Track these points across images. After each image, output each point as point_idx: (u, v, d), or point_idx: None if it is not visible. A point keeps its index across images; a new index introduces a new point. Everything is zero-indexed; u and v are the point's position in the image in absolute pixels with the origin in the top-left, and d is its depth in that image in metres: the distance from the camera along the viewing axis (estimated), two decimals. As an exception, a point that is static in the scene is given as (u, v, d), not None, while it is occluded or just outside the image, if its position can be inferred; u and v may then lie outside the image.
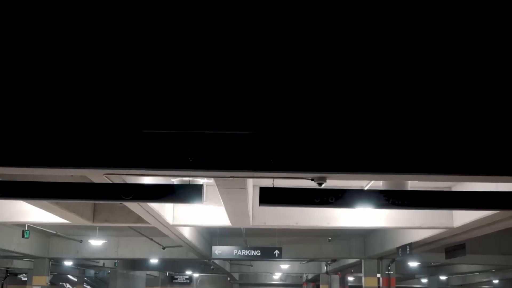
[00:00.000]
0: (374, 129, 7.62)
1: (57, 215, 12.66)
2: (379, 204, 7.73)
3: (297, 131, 7.72)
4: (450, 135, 7.48)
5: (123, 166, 7.83)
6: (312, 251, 24.73)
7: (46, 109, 7.63)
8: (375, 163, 7.62)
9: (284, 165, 7.77)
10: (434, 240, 16.69)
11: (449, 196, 7.86)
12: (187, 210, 13.55)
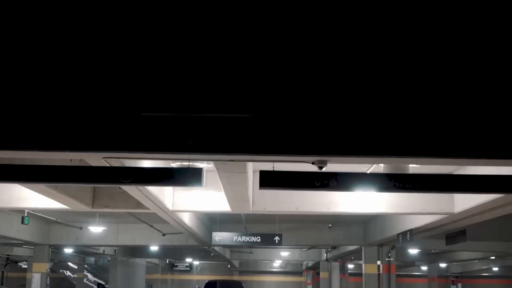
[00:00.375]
0: (376, 112, 7.54)
1: (56, 201, 12.59)
2: (381, 187, 7.66)
3: (297, 114, 7.64)
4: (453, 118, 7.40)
5: (122, 149, 7.76)
6: (312, 238, 24.72)
7: (44, 92, 7.55)
8: (377, 146, 7.55)
9: (284, 148, 7.70)
10: (435, 226, 16.65)
11: (451, 180, 7.79)
12: (187, 196, 13.50)
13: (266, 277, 56.80)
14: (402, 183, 7.57)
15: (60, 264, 50.60)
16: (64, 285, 48.44)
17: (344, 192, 13.31)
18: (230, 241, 19.19)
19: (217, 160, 8.47)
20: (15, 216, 19.17)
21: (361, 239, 24.19)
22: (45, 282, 23.65)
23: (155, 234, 23.73)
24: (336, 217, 21.33)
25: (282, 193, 13.36)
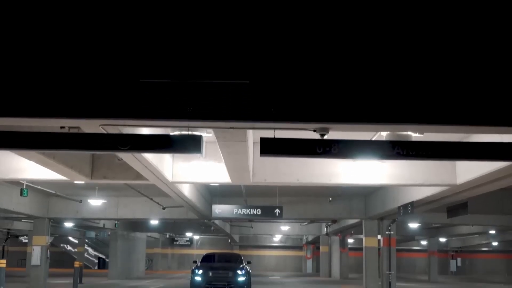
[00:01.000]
0: (380, 78, 7.38)
1: (55, 171, 12.48)
2: (383, 154, 7.51)
3: (299, 80, 7.48)
4: (457, 85, 7.25)
5: (120, 116, 7.60)
6: (312, 211, 24.66)
7: (39, 57, 7.39)
8: (380, 113, 7.40)
9: (285, 115, 7.54)
10: (436, 199, 16.55)
11: (455, 147, 7.63)
12: (187, 167, 13.38)
13: (266, 252, 57.07)
14: (405, 150, 7.42)
15: (60, 238, 50.87)
16: (64, 259, 48.62)
17: (346, 162, 13.22)
18: (230, 214, 19.10)
19: (216, 128, 8.32)
20: (15, 189, 19.09)
21: (361, 213, 24.15)
22: (45, 255, 23.64)
23: (155, 208, 23.70)
24: (337, 190, 21.26)
25: (283, 164, 13.24)
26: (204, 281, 20.00)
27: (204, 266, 20.82)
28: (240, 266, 20.78)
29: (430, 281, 37.29)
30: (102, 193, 22.59)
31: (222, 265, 21.14)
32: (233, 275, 20.08)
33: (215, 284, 20.02)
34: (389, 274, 23.68)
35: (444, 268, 53.61)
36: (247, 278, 20.51)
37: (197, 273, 20.29)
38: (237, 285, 20.04)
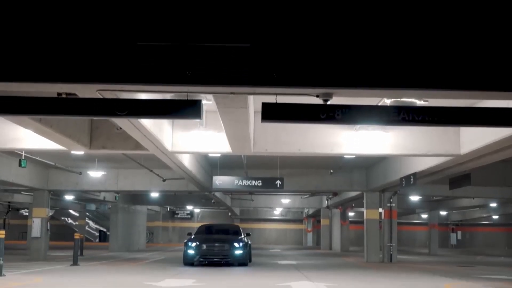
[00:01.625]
0: (385, 42, 7.16)
1: (53, 141, 12.28)
2: (389, 120, 7.32)
3: (302, 44, 7.27)
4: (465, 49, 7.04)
5: (117, 81, 7.41)
6: (313, 183, 24.55)
7: (34, 20, 7.17)
8: (386, 78, 7.20)
9: (287, 80, 7.35)
10: (439, 170, 16.39)
11: (462, 112, 7.44)
12: (187, 137, 13.19)
13: (267, 225, 57.18)
14: (411, 116, 7.23)
15: (61, 211, 50.97)
16: (65, 232, 48.72)
17: (348, 132, 13.03)
18: (230, 185, 18.97)
19: (216, 93, 8.11)
20: (14, 160, 18.93)
21: (363, 185, 24.02)
22: (45, 227, 23.57)
23: (155, 180, 23.58)
24: (338, 162, 21.11)
25: (284, 134, 13.05)
26: (198, 255, 18.53)
27: (199, 238, 19.25)
28: (238, 238, 19.40)
29: (430, 254, 37.36)
30: (101, 165, 22.46)
31: (218, 237, 19.58)
32: (230, 248, 18.59)
33: (210, 258, 18.62)
34: (390, 246, 23.65)
35: (444, 241, 53.74)
36: (246, 251, 19.06)
37: (190, 246, 18.78)
38: (234, 259, 18.55)
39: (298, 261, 23.46)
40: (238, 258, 18.58)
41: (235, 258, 18.51)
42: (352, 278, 14.98)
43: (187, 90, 7.64)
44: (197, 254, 18.52)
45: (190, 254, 18.71)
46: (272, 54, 7.19)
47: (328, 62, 7.15)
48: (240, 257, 18.64)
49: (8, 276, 13.63)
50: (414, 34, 7.08)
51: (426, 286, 12.90)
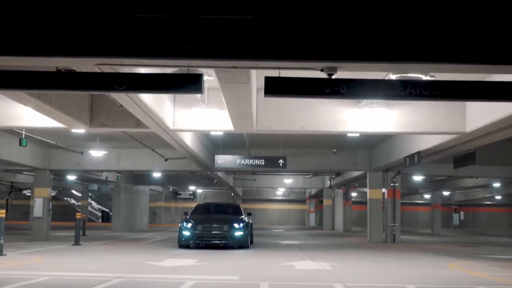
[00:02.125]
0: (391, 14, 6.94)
1: (52, 118, 12.11)
2: (395, 94, 7.11)
3: (306, 16, 7.05)
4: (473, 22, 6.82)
5: (116, 54, 7.21)
6: (316, 163, 24.38)
7: (29, -10, 6.97)
8: (392, 51, 6.99)
9: (291, 53, 7.14)
10: (444, 148, 16.20)
11: (471, 86, 7.22)
12: (188, 114, 12.99)
13: (269, 205, 57.18)
14: (418, 90, 7.02)
15: (64, 192, 50.99)
16: (68, 212, 48.74)
17: (352, 110, 12.83)
18: (233, 164, 18.77)
19: (218, 68, 7.90)
20: (15, 139, 18.77)
21: (366, 164, 23.86)
22: (47, 207, 23.50)
23: (157, 159, 23.45)
24: (341, 141, 20.94)
25: (287, 111, 12.86)
26: (193, 236, 17.01)
27: (195, 218, 17.70)
28: (238, 218, 17.93)
29: (433, 234, 37.30)
30: (103, 144, 22.31)
31: (216, 217, 18.16)
32: (229, 229, 17.07)
33: (207, 240, 17.17)
34: (394, 226, 23.54)
35: (447, 221, 53.76)
36: (247, 232, 17.58)
37: (185, 226, 17.23)
38: (234, 241, 17.05)
39: (301, 241, 23.38)
40: (238, 240, 17.14)
41: (234, 240, 17.07)
42: (355, 258, 14.87)
43: (188, 64, 7.44)
44: (192, 235, 17.07)
45: (185, 236, 17.23)
46: (275, 27, 6.98)
47: (333, 35, 6.94)
48: (240, 239, 17.19)
49: (8, 256, 13.54)
50: (421, 6, 6.86)
51: (431, 265, 12.78)
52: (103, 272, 10.15)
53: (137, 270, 10.84)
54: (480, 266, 12.69)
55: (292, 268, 11.55)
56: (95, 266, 11.67)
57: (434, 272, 11.29)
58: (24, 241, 20.61)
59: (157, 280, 9.26)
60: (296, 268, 11.58)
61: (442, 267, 12.45)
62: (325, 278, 9.85)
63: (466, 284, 9.26)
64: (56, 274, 9.76)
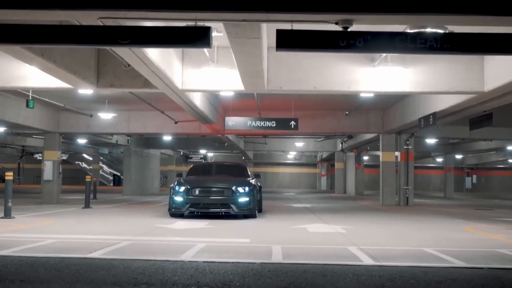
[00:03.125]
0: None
1: (58, 78, 11.78)
2: (415, 48, 6.72)
3: (319, -35, 6.63)
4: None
5: (120, 7, 6.84)
6: (328, 125, 23.98)
7: None
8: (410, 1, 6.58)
9: (304, 5, 6.75)
10: (460, 109, 15.76)
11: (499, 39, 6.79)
12: (197, 74, 12.63)
13: (280, 169, 57.08)
14: (440, 43, 6.62)
15: (75, 155, 51.05)
16: (80, 176, 48.85)
17: (366, 69, 12.42)
18: (243, 126, 18.43)
19: (227, 21, 7.51)
20: (22, 102, 18.54)
21: (379, 127, 23.45)
22: (57, 170, 23.34)
23: (167, 122, 23.16)
24: (354, 103, 20.53)
25: (299, 71, 12.46)
26: (187, 203, 14.10)
27: (190, 181, 14.71)
28: (243, 180, 14.76)
29: (446, 197, 37.03)
30: (112, 107, 22.03)
31: (216, 179, 14.98)
32: (232, 194, 14.06)
33: (204, 207, 14.18)
34: (407, 189, 23.24)
35: (459, 185, 53.47)
36: (254, 198, 14.45)
37: (178, 191, 14.29)
38: (238, 208, 14.02)
39: (313, 204, 23.17)
40: (243, 208, 14.10)
41: (239, 207, 14.03)
42: (369, 220, 14.60)
43: (195, 18, 7.05)
44: (186, 202, 14.13)
45: (176, 202, 14.31)
46: (287, -24, 6.58)
47: (348, -16, 6.53)
48: (246, 207, 14.15)
49: (17, 218, 13.38)
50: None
51: (447, 228, 12.49)
52: (112, 235, 9.94)
53: (146, 232, 10.62)
54: (497, 229, 12.38)
55: (304, 231, 11.31)
56: (104, 228, 11.47)
57: (451, 235, 11.01)
58: (35, 204, 20.52)
59: (166, 243, 9.03)
60: (309, 231, 11.33)
61: (458, 230, 12.16)
62: (339, 241, 9.59)
63: (484, 247, 8.96)
64: (63, 237, 9.57)
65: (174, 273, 5.92)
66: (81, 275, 5.78)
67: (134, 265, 6.42)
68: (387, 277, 5.95)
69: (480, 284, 5.72)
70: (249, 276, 5.84)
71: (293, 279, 5.75)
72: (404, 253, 8.09)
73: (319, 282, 5.65)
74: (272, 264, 6.70)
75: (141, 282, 5.46)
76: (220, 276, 5.80)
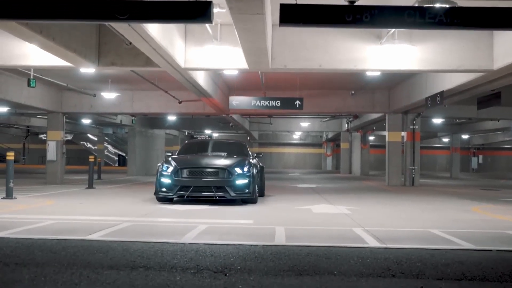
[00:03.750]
0: None
1: (58, 56, 11.55)
2: (424, 23, 6.46)
3: None
4: None
5: (118, -19, 6.61)
6: (334, 105, 23.71)
7: None
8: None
9: (309, -22, 6.51)
10: (468, 88, 15.49)
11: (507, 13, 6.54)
12: (200, 52, 12.39)
13: (285, 149, 56.92)
14: (449, 18, 6.36)
15: (80, 136, 50.98)
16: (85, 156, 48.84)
17: (372, 46, 12.16)
18: (248, 106, 18.20)
19: (229, -5, 7.26)
20: (24, 81, 18.37)
21: (385, 106, 23.19)
22: (61, 150, 23.21)
23: (171, 102, 22.96)
24: (360, 82, 20.27)
25: (304, 49, 12.21)
26: (175, 185, 12.33)
27: (180, 160, 13.02)
28: (242, 160, 12.97)
29: (452, 177, 36.80)
30: (115, 86, 21.83)
31: (210, 158, 13.19)
32: (228, 176, 12.34)
33: (195, 191, 12.30)
34: (413, 169, 23.03)
35: (465, 165, 53.24)
36: (253, 180, 12.63)
37: (165, 171, 12.53)
38: (235, 192, 12.31)
39: (318, 185, 23.01)
40: (241, 191, 12.41)
41: (236, 190, 12.34)
42: (374, 201, 14.41)
43: (196, -8, 6.81)
44: (174, 184, 12.35)
45: (163, 185, 12.48)
46: None
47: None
48: (244, 190, 12.43)
49: (19, 199, 13.25)
50: None
51: (454, 209, 12.30)
52: (113, 216, 9.78)
53: (148, 213, 10.47)
54: (505, 210, 12.18)
55: (309, 212, 11.13)
56: (105, 209, 11.33)
57: (458, 216, 10.81)
58: (39, 185, 20.41)
59: (167, 224, 8.87)
60: (314, 212, 11.15)
61: (465, 210, 11.96)
62: (344, 222, 9.41)
63: (493, 229, 8.77)
64: (63, 218, 9.41)
65: (173, 256, 5.75)
66: (78, 258, 5.61)
67: (133, 247, 6.25)
68: (393, 260, 5.77)
69: (488, 267, 5.53)
70: (251, 259, 5.66)
71: (296, 262, 5.58)
72: (410, 235, 7.91)
73: (322, 265, 5.47)
74: (275, 247, 6.53)
75: (138, 265, 5.29)
76: (221, 259, 5.63)
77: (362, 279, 4.91)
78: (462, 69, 12.41)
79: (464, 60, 12.20)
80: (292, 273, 5.10)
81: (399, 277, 5.03)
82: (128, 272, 5.02)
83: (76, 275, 4.87)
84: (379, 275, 5.09)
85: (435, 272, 5.25)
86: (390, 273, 5.15)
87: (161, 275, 4.92)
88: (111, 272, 5.01)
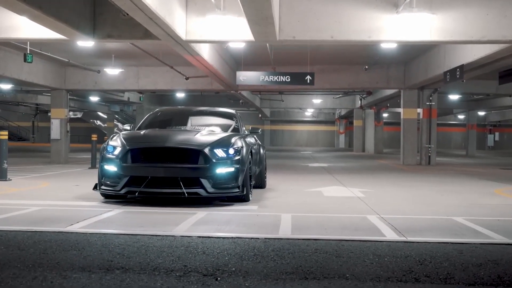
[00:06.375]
0: None
1: (48, 27, 10.69)
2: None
3: None
4: None
5: None
6: (346, 80, 22.74)
7: None
8: None
9: None
10: (490, 61, 14.51)
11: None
12: (203, 23, 11.49)
13: (297, 127, 56.08)
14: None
15: (90, 114, 50.42)
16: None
17: (388, 15, 11.23)
18: (256, 81, 17.29)
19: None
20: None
21: (400, 82, 22.21)
22: (65, 128, 22.47)
23: (178, 78, 22.14)
24: (374, 56, 19.31)
25: (315, 18, 11.28)
26: (124, 176, 8.37)
27: (132, 138, 8.98)
28: (226, 138, 8.96)
29: (468, 155, 35.80)
30: (119, 62, 21.04)
31: (177, 134, 9.06)
32: (205, 161, 8.34)
33: (153, 186, 8.28)
34: (429, 148, 22.11)
35: (481, 143, 52.19)
36: (242, 167, 8.62)
37: (109, 155, 8.58)
38: (215, 185, 8.29)
39: (330, 164, 22.18)
40: (224, 185, 8.41)
41: (216, 183, 8.33)
42: (390, 182, 13.55)
43: None
44: (122, 174, 8.41)
45: (108, 175, 8.59)
46: None
47: None
48: (228, 183, 8.45)
49: (13, 181, 12.53)
50: None
51: (475, 192, 11.41)
52: (106, 202, 8.94)
53: (146, 197, 9.67)
54: (531, 193, 11.31)
55: (319, 195, 10.31)
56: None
57: (481, 200, 9.95)
58: (42, 164, 19.75)
59: (161, 212, 8.06)
60: (324, 195, 10.33)
61: (488, 193, 11.09)
62: (357, 207, 8.57)
63: (522, 215, 7.91)
64: (51, 203, 8.63)
65: (159, 254, 4.94)
66: (47, 256, 4.82)
67: (115, 242, 5.45)
68: (415, 259, 4.93)
69: (528, 267, 4.70)
70: (249, 258, 4.85)
71: (302, 261, 4.76)
72: (432, 224, 7.05)
73: (332, 265, 4.65)
74: (278, 240, 5.70)
75: (115, 266, 4.49)
76: (214, 258, 4.82)
77: (379, 285, 4.09)
78: (485, 40, 11.42)
79: (488, 30, 11.20)
80: (296, 276, 4.29)
81: (424, 281, 4.20)
82: (102, 275, 4.23)
83: (38, 280, 4.08)
84: (399, 279, 4.26)
85: (465, 275, 4.41)
86: (412, 277, 4.33)
87: (140, 279, 4.13)
88: (81, 275, 4.22)
